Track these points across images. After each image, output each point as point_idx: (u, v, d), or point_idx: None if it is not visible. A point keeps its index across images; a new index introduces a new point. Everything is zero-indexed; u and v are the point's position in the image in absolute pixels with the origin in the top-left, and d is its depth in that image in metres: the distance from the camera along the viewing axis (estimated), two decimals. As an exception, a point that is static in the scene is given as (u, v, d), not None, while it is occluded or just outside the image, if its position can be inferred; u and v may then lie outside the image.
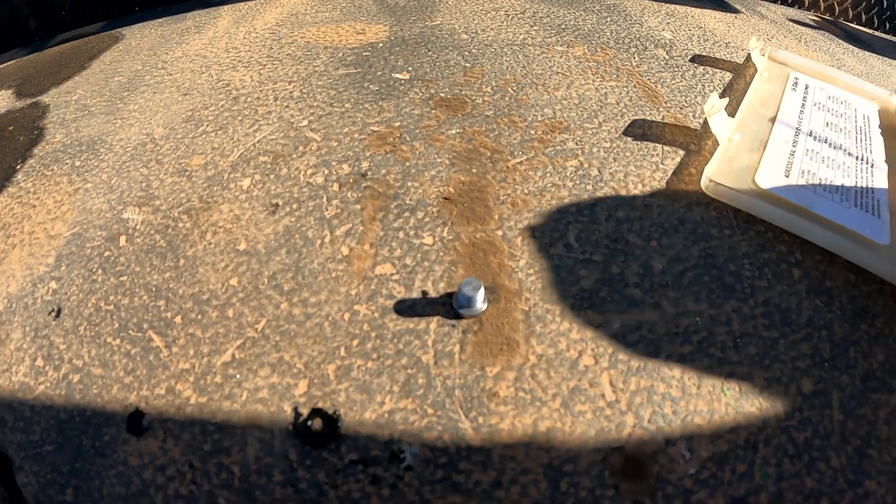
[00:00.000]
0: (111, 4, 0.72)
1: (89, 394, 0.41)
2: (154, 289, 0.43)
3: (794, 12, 0.82)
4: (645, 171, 0.48)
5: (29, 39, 0.72)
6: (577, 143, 0.48)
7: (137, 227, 0.46)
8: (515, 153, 0.47)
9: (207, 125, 0.52)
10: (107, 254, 0.46)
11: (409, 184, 0.44)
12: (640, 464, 0.35)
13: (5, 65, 0.69)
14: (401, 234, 0.41)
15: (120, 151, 0.52)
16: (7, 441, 0.42)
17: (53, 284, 0.46)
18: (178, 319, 0.41)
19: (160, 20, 0.69)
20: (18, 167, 0.55)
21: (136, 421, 0.39)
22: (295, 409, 0.36)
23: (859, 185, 0.52)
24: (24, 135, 0.57)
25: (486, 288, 0.38)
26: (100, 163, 0.52)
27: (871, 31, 0.84)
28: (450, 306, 0.38)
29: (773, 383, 0.40)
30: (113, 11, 0.73)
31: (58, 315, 0.45)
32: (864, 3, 0.82)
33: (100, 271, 0.45)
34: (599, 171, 0.47)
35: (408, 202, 0.43)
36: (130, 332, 0.41)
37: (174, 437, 0.37)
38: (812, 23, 0.80)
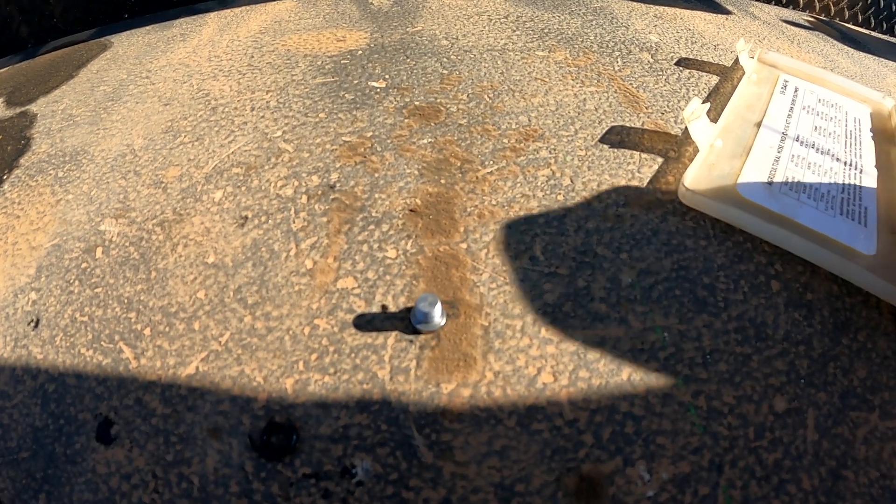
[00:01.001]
0: (101, 11, 0.73)
1: (63, 403, 0.42)
2: (126, 301, 0.43)
3: (787, 13, 0.79)
4: (620, 180, 0.47)
5: (21, 46, 0.74)
6: (550, 152, 0.48)
7: (113, 238, 0.47)
8: (486, 163, 0.46)
9: (185, 136, 0.52)
10: (84, 265, 0.47)
11: (377, 196, 0.44)
12: (595, 485, 0.35)
13: (-2, 74, 0.71)
14: (364, 248, 0.41)
15: (101, 162, 0.53)
16: (-12, 447, 0.43)
17: (33, 295, 0.47)
18: (147, 331, 0.42)
19: (148, 28, 0.70)
20: (5, 177, 0.56)
21: (105, 430, 0.40)
22: (253, 423, 0.36)
23: (846, 191, 0.50)
24: (11, 145, 0.58)
25: (445, 303, 0.38)
26: (81, 174, 0.53)
27: (867, 32, 0.80)
28: (408, 321, 0.38)
29: (744, 401, 0.39)
30: (103, 18, 0.74)
31: (36, 325, 0.46)
32: (860, 4, 0.79)
33: (77, 283, 0.46)
34: (572, 181, 0.46)
35: (374, 214, 0.43)
36: (103, 343, 0.42)
37: (140, 447, 0.38)
38: (806, 24, 0.77)
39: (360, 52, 0.59)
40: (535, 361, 0.37)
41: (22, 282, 0.48)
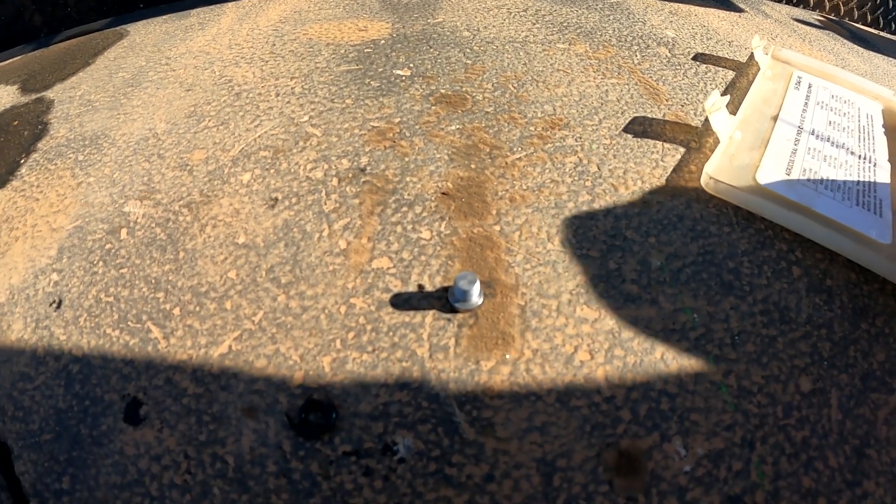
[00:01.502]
0: (116, 1, 0.73)
1: (88, 384, 0.41)
2: (154, 281, 0.43)
3: (798, 12, 0.82)
4: (644, 168, 0.48)
5: (34, 35, 0.73)
6: (576, 140, 0.48)
7: (138, 220, 0.47)
8: (514, 149, 0.47)
9: (209, 120, 0.52)
10: (108, 246, 0.46)
11: (408, 179, 0.44)
12: (634, 460, 0.35)
13: (11, 60, 0.71)
14: (398, 229, 0.42)
15: (123, 146, 0.53)
16: (6, 430, 0.42)
17: (55, 276, 0.46)
18: (176, 311, 0.41)
19: (164, 17, 0.70)
20: (22, 161, 0.55)
21: (134, 411, 0.39)
22: (290, 401, 0.36)
23: (861, 183, 0.51)
24: (28, 129, 0.57)
25: (482, 282, 0.38)
26: (102, 157, 0.52)
27: (876, 32, 0.83)
28: (445, 300, 0.38)
29: (771, 381, 0.39)
30: (117, 8, 0.74)
31: (59, 306, 0.45)
32: (869, 3, 0.82)
33: (101, 263, 0.45)
34: (598, 168, 0.47)
35: (406, 197, 0.43)
36: (129, 323, 0.42)
37: (170, 427, 0.38)
38: (817, 22, 0.80)
39: (382, 41, 0.59)
40: (572, 340, 0.38)
41: (42, 263, 0.48)
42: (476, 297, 0.37)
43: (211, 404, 0.37)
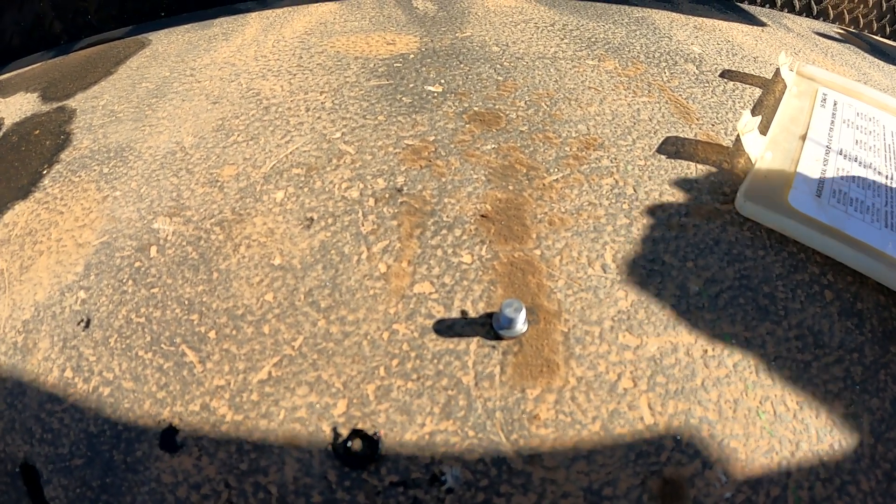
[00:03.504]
0: (137, 9, 0.72)
1: (120, 407, 0.41)
2: (187, 302, 0.43)
3: (819, 25, 0.83)
4: (679, 190, 0.48)
5: (54, 42, 0.72)
6: (611, 161, 0.49)
7: (168, 237, 0.46)
8: (551, 170, 0.47)
9: (238, 135, 0.52)
10: (137, 264, 0.46)
11: (446, 200, 0.44)
12: (677, 487, 0.36)
13: (30, 67, 0.70)
14: (439, 252, 0.41)
15: (149, 159, 0.52)
16: (35, 453, 0.42)
17: (82, 294, 0.46)
18: (212, 334, 0.41)
19: (186, 26, 0.69)
20: (45, 172, 0.55)
21: (170, 437, 0.39)
22: (334, 430, 0.36)
23: (890, 205, 0.52)
24: (50, 139, 0.57)
25: (526, 309, 0.38)
26: (128, 170, 0.52)
27: (894, 44, 0.84)
28: (489, 327, 0.38)
29: (805, 406, 0.40)
30: (138, 16, 0.73)
31: (87, 325, 0.45)
32: (888, 16, 0.82)
33: (130, 282, 0.45)
34: (635, 190, 0.47)
35: (445, 219, 0.43)
36: (163, 345, 0.42)
37: (209, 455, 0.37)
38: (838, 36, 0.80)
39: (411, 55, 0.59)
40: (615, 367, 0.38)
41: (69, 279, 0.47)
42: (521, 324, 0.37)
43: (251, 432, 0.37)
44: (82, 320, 0.45)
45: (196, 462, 0.37)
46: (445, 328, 0.38)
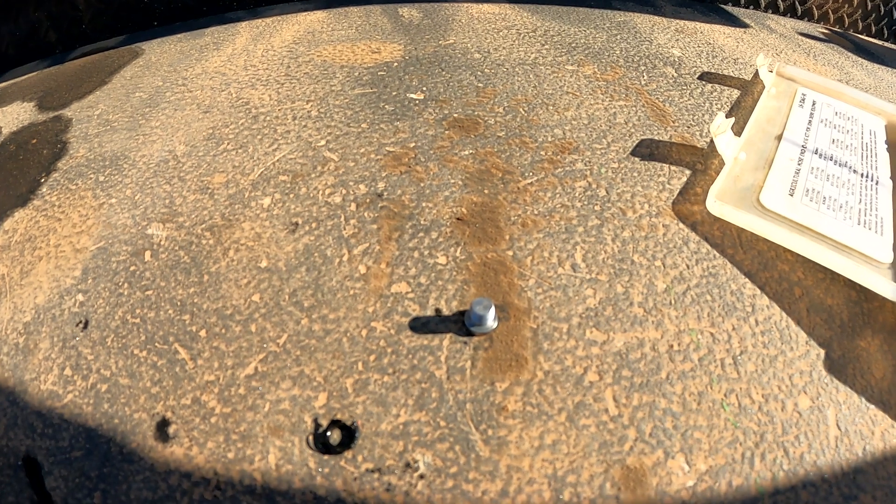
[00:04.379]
0: (130, 19, 0.76)
1: (117, 402, 0.44)
2: (179, 303, 0.46)
3: (803, 25, 0.85)
4: (651, 192, 0.51)
5: (48, 52, 0.76)
6: (585, 164, 0.52)
7: (162, 242, 0.50)
8: (526, 174, 0.50)
9: (228, 143, 0.55)
10: (132, 268, 0.49)
11: (424, 204, 0.48)
12: (640, 475, 0.39)
13: (26, 77, 0.74)
14: (416, 254, 0.45)
15: (143, 168, 0.56)
16: (37, 447, 0.46)
17: (80, 297, 0.50)
18: (202, 333, 0.44)
19: (179, 35, 0.73)
20: (43, 180, 0.59)
21: (163, 429, 0.43)
22: (315, 420, 0.39)
23: (863, 202, 0.55)
24: (47, 148, 0.61)
25: (496, 306, 0.42)
26: (123, 178, 0.56)
27: (880, 43, 0.86)
28: (462, 324, 0.41)
29: (771, 400, 0.43)
30: (132, 26, 0.77)
31: (85, 326, 0.48)
32: (873, 15, 0.85)
33: (126, 285, 0.49)
34: (607, 192, 0.50)
35: (422, 222, 0.47)
36: (157, 344, 0.45)
37: (199, 445, 0.41)
38: (821, 35, 0.83)
39: (395, 63, 0.62)
40: (582, 361, 0.41)
41: (67, 283, 0.51)
42: (491, 321, 0.40)
43: (238, 423, 0.41)
44: (81, 322, 0.49)
45: (187, 452, 0.41)
46: (420, 325, 0.41)
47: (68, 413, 0.46)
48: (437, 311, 0.42)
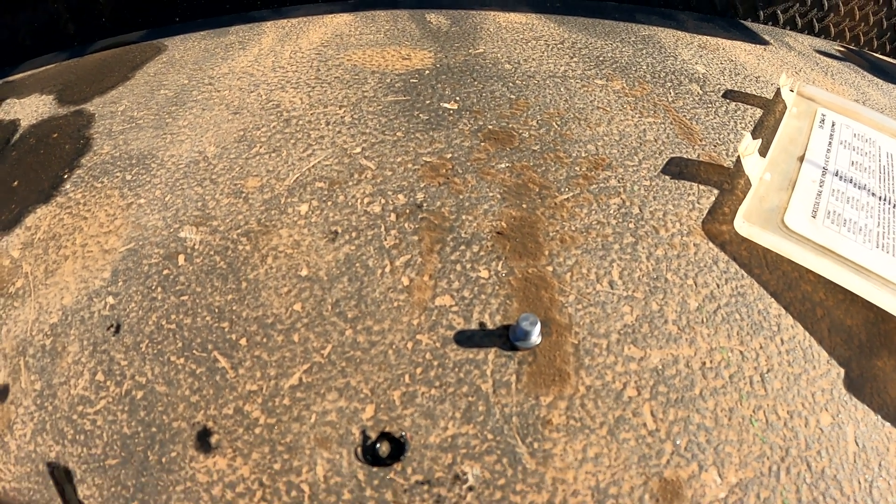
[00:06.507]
0: (152, 13, 0.75)
1: (154, 410, 0.45)
2: (217, 310, 0.47)
3: (820, 42, 0.89)
4: (682, 210, 0.53)
5: (66, 44, 0.75)
6: (619, 181, 0.54)
7: (196, 246, 0.51)
8: (562, 189, 0.52)
9: (260, 146, 0.56)
10: (165, 272, 0.50)
11: (464, 217, 0.49)
12: (677, 487, 0.41)
13: (44, 68, 0.73)
14: (458, 267, 0.46)
15: (172, 168, 0.56)
16: (67, 453, 0.46)
17: (111, 300, 0.50)
18: (243, 342, 0.45)
19: (202, 33, 0.73)
20: (66, 176, 0.59)
21: (205, 439, 0.43)
22: (363, 432, 0.41)
23: (881, 226, 0.58)
24: (69, 143, 0.60)
25: (540, 322, 0.44)
26: (151, 178, 0.56)
27: (894, 62, 0.91)
28: (506, 338, 0.43)
29: (795, 416, 0.46)
30: (153, 20, 0.76)
31: (117, 331, 0.49)
32: (888, 34, 0.89)
33: (159, 289, 0.49)
34: (640, 210, 0.52)
35: (463, 235, 0.48)
36: (195, 352, 0.46)
37: (243, 456, 0.42)
38: (838, 54, 0.87)
39: (426, 71, 0.64)
40: (621, 377, 0.43)
41: (96, 285, 0.51)
42: (536, 336, 0.42)
43: (284, 434, 0.42)
44: (112, 325, 0.49)
45: (231, 462, 0.42)
46: (465, 339, 0.43)
47: (101, 420, 0.46)
48: (482, 325, 0.44)
